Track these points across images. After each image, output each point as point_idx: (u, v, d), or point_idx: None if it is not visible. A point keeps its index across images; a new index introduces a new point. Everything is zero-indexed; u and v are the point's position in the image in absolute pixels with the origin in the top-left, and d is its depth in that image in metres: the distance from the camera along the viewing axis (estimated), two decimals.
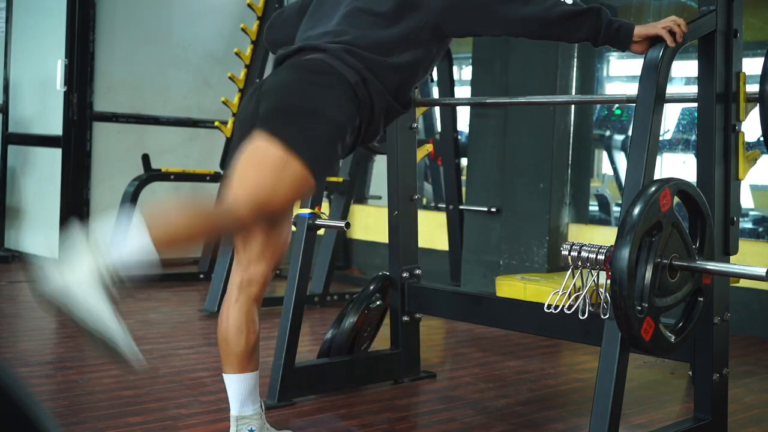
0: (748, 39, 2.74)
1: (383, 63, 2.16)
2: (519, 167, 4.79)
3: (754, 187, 5.99)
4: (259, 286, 2.23)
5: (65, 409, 2.66)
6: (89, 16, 5.49)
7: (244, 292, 2.22)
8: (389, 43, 2.18)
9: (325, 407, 2.80)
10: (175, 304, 4.59)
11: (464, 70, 7.40)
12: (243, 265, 2.23)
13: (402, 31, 2.19)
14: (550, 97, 4.58)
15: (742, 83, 2.35)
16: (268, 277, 2.25)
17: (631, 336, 1.98)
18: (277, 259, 2.26)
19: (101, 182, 5.62)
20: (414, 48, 2.20)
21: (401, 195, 3.09)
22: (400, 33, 2.19)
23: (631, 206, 1.98)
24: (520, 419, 2.75)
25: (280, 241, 2.26)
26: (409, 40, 2.19)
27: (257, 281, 2.22)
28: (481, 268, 4.95)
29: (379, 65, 2.15)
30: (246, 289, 2.22)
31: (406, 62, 2.20)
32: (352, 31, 2.19)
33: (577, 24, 2.13)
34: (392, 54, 2.17)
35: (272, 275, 2.28)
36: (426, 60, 2.26)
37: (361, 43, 2.16)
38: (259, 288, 2.23)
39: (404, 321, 3.12)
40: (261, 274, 2.22)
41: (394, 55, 2.18)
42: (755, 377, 3.41)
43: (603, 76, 6.45)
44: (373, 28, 2.19)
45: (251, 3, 4.98)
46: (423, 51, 2.22)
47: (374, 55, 2.15)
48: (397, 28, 2.19)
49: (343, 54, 2.13)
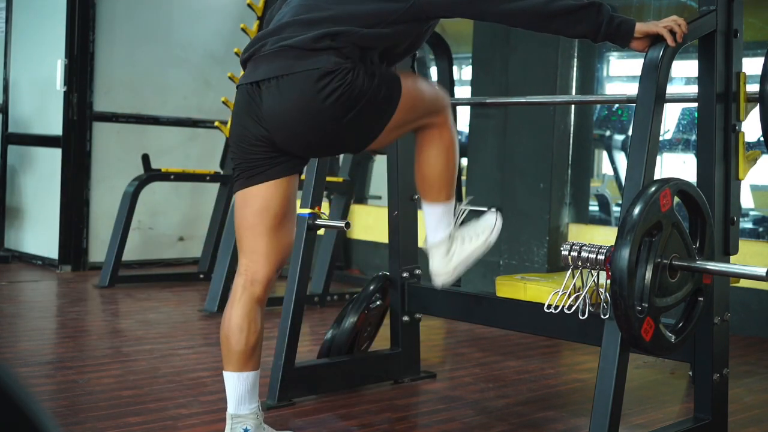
0: (748, 39, 2.74)
1: (360, 32, 2.09)
2: (519, 167, 4.79)
3: (754, 187, 5.98)
4: (262, 286, 2.23)
5: (65, 409, 2.66)
6: (89, 16, 5.49)
7: (247, 291, 2.22)
8: (368, 17, 2.12)
9: (325, 407, 2.80)
10: (175, 304, 4.59)
11: (464, 70, 7.39)
12: (247, 265, 2.24)
13: (382, 8, 2.13)
14: (550, 97, 4.58)
15: (742, 83, 2.35)
16: (271, 278, 2.25)
17: (631, 336, 1.98)
18: (281, 260, 2.26)
19: (101, 182, 5.62)
20: (394, 26, 2.14)
21: (401, 195, 3.10)
22: (380, 9, 2.12)
23: (631, 206, 1.98)
24: (520, 419, 2.75)
25: (284, 242, 2.26)
26: (391, 20, 2.13)
27: (260, 282, 2.23)
28: (481, 268, 4.95)
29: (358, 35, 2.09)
30: (249, 289, 2.22)
31: (386, 34, 2.14)
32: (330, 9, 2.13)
33: (578, 18, 2.12)
34: (370, 28, 2.11)
35: (276, 276, 2.28)
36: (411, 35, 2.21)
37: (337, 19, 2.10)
38: (262, 288, 2.23)
39: (404, 321, 3.12)
40: (264, 274, 2.23)
41: (374, 28, 2.11)
42: (755, 377, 3.41)
43: (603, 76, 6.44)
44: (352, 2, 2.14)
45: (251, 3, 4.98)
46: (406, 28, 2.17)
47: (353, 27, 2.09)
48: (378, 4, 2.13)
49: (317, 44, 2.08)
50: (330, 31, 2.09)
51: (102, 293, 4.80)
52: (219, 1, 6.10)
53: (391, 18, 2.13)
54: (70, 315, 4.31)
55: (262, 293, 2.23)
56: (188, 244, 5.99)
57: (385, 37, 2.14)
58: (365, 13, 2.12)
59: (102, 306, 4.57)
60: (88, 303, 4.66)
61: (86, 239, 5.55)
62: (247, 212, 2.22)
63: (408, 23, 2.17)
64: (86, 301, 4.70)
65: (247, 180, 2.21)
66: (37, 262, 5.65)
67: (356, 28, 2.10)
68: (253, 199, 2.21)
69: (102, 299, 4.68)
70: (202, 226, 5.69)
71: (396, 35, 2.17)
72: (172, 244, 5.95)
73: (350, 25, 2.10)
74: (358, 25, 2.10)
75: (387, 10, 2.13)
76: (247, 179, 2.21)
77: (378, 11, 2.13)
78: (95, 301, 4.66)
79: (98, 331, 4.02)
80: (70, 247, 5.49)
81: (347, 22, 2.11)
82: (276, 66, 2.11)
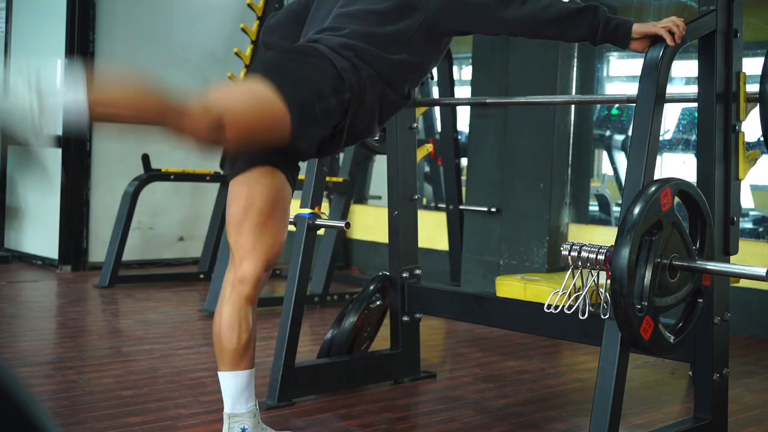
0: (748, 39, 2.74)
1: (377, 55, 2.17)
2: (519, 167, 4.79)
3: (754, 187, 5.98)
4: (251, 285, 2.21)
5: (65, 409, 2.66)
6: (89, 16, 5.49)
7: (236, 290, 2.21)
8: (386, 39, 2.19)
9: (325, 407, 2.80)
10: (175, 304, 4.59)
11: (464, 70, 7.39)
12: (235, 263, 2.23)
13: (399, 29, 2.20)
14: (550, 97, 4.58)
15: (742, 83, 2.35)
16: (260, 276, 2.23)
17: (631, 335, 1.98)
18: (269, 258, 2.23)
19: (101, 182, 5.62)
20: (411, 46, 2.21)
21: (401, 195, 3.10)
22: (397, 31, 2.20)
23: (631, 206, 1.98)
24: (520, 419, 2.75)
25: (271, 241, 2.23)
26: (406, 39, 2.20)
27: (249, 280, 2.21)
28: (481, 268, 4.95)
29: (373, 56, 2.16)
30: (238, 288, 2.21)
31: (403, 60, 2.21)
32: (347, 27, 2.20)
33: (575, 23, 2.13)
34: (389, 51, 2.19)
35: (267, 275, 2.27)
36: (424, 59, 2.27)
37: (355, 35, 2.18)
38: (251, 287, 2.21)
39: (404, 321, 3.12)
40: (252, 272, 2.20)
41: (391, 52, 2.19)
42: (755, 377, 3.41)
43: (603, 76, 6.45)
44: (370, 24, 2.20)
45: (251, 3, 4.98)
46: (420, 49, 2.23)
47: (368, 46, 2.17)
48: (394, 26, 2.20)
49: (334, 44, 2.16)
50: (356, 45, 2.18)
51: (102, 293, 4.81)
52: (219, 1, 6.10)
53: (405, 37, 2.21)
54: (70, 315, 4.31)
55: (251, 292, 2.21)
56: (188, 244, 5.99)
57: (403, 63, 2.21)
58: (381, 35, 2.20)
59: (102, 306, 4.57)
60: (88, 303, 4.66)
61: (86, 239, 5.55)
62: (233, 210, 2.24)
63: (422, 42, 2.24)
64: (86, 301, 4.70)
65: (233, 167, 2.25)
66: (37, 262, 5.65)
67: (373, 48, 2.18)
68: (237, 195, 2.23)
69: (102, 299, 4.68)
70: (202, 226, 5.69)
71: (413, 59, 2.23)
72: (172, 244, 5.95)
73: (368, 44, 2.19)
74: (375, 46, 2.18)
75: (400, 31, 2.21)
76: (233, 167, 2.25)
77: (393, 32, 2.20)
78: (95, 301, 4.66)
79: (98, 331, 4.02)
80: (70, 247, 5.49)
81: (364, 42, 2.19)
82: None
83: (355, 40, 2.16)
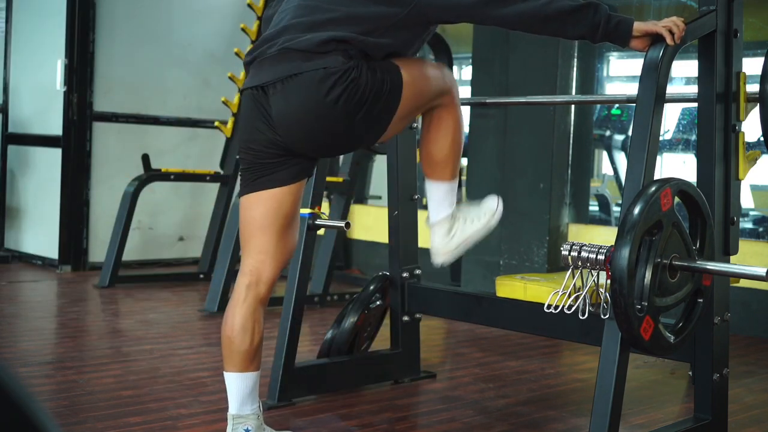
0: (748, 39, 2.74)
1: (363, 41, 2.11)
2: (519, 167, 4.79)
3: (754, 187, 5.98)
4: (267, 286, 2.24)
5: (65, 409, 2.66)
6: (89, 16, 5.49)
7: (252, 292, 2.23)
8: (368, 20, 2.12)
9: (325, 407, 2.80)
10: (175, 304, 4.59)
11: (464, 70, 7.39)
12: (252, 266, 2.24)
13: (382, 12, 2.13)
14: (550, 97, 4.58)
15: (742, 83, 2.35)
16: (276, 278, 2.27)
17: (630, 335, 1.98)
18: (286, 260, 2.28)
19: (101, 182, 5.62)
20: (395, 31, 2.15)
21: (401, 195, 3.10)
22: (381, 13, 2.13)
23: (631, 205, 1.98)
24: (520, 419, 2.75)
25: (291, 243, 2.27)
26: (390, 24, 2.14)
27: (265, 282, 2.24)
28: (481, 268, 4.95)
29: (362, 43, 2.11)
30: (254, 290, 2.23)
31: (387, 43, 2.15)
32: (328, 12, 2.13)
33: (575, 20, 2.12)
34: (371, 34, 2.12)
35: (278, 276, 2.29)
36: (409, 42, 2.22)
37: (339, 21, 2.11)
38: (266, 289, 2.24)
39: (404, 321, 3.12)
40: (270, 275, 2.24)
41: (373, 35, 2.12)
42: (755, 377, 3.41)
43: (603, 76, 6.44)
44: (354, 4, 2.14)
45: (251, 3, 4.98)
46: (406, 33, 2.18)
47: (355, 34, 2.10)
48: (379, 7, 2.13)
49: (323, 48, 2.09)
50: (336, 36, 2.09)
51: (102, 293, 4.81)
52: (219, 1, 6.10)
53: (390, 22, 2.14)
54: (70, 315, 4.31)
55: (266, 293, 2.25)
56: (188, 244, 5.99)
57: (386, 46, 2.15)
58: (365, 16, 2.13)
59: (102, 306, 4.57)
60: (88, 303, 4.66)
61: (86, 239, 5.55)
62: (256, 213, 2.22)
63: (409, 28, 2.18)
64: (86, 301, 4.70)
65: (257, 183, 2.21)
66: (37, 262, 5.65)
67: (359, 35, 2.10)
68: (265, 201, 2.21)
69: (102, 299, 4.68)
70: (202, 226, 5.69)
71: (396, 43, 2.17)
72: (172, 244, 5.95)
73: (351, 30, 2.10)
74: (359, 31, 2.11)
75: (387, 14, 2.13)
76: (257, 182, 2.21)
77: (378, 15, 2.13)
78: (95, 301, 4.66)
79: (98, 331, 4.02)
80: (70, 247, 5.49)
81: (347, 25, 2.11)
82: (280, 68, 2.12)
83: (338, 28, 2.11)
